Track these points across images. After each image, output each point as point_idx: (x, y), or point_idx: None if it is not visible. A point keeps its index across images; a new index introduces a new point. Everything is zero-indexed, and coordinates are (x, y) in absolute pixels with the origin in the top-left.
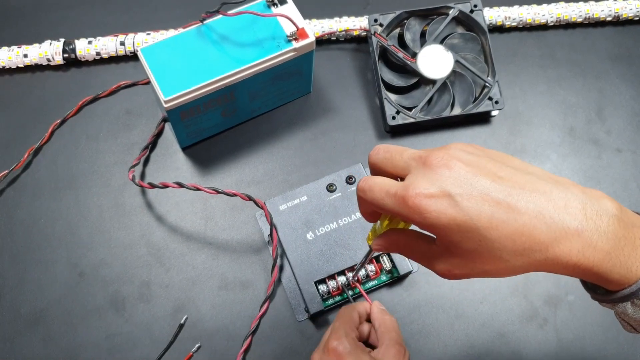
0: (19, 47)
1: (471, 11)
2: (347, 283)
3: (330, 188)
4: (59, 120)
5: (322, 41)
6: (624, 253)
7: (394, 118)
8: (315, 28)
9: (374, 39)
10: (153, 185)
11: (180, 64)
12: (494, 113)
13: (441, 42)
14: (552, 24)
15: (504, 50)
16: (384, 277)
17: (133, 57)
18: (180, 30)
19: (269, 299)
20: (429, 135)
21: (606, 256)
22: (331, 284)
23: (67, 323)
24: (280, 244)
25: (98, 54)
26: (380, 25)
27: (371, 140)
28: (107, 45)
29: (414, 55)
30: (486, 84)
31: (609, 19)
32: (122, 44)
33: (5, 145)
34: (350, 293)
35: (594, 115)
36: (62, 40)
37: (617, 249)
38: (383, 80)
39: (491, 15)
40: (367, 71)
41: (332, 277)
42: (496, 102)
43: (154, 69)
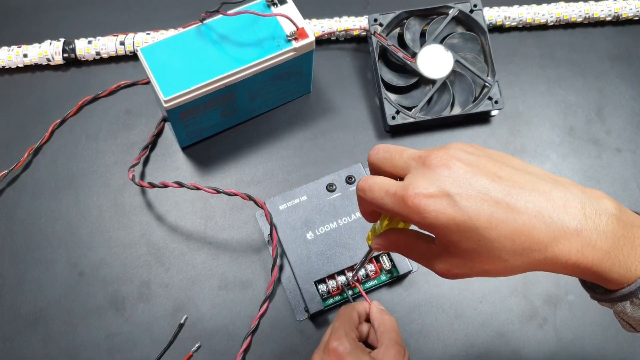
0: (19, 47)
1: (471, 11)
2: (347, 283)
3: (330, 188)
4: (58, 120)
5: (322, 41)
6: (623, 252)
7: (393, 118)
8: (315, 28)
9: (374, 39)
10: (153, 185)
11: (180, 64)
12: (493, 113)
13: (441, 42)
14: (552, 24)
15: (503, 50)
16: (383, 277)
17: (133, 57)
18: (180, 30)
19: (268, 298)
20: (429, 135)
21: (605, 255)
22: (331, 284)
23: (67, 323)
24: (280, 243)
25: (98, 53)
26: (380, 25)
27: (371, 140)
28: (107, 45)
29: (414, 55)
30: (486, 84)
31: (608, 18)
32: (122, 43)
33: (5, 145)
34: (350, 293)
35: (594, 115)
36: (62, 40)
37: (616, 248)
38: (383, 80)
39: (491, 15)
40: (367, 71)
41: (332, 277)
42: (496, 102)
43: (154, 68)
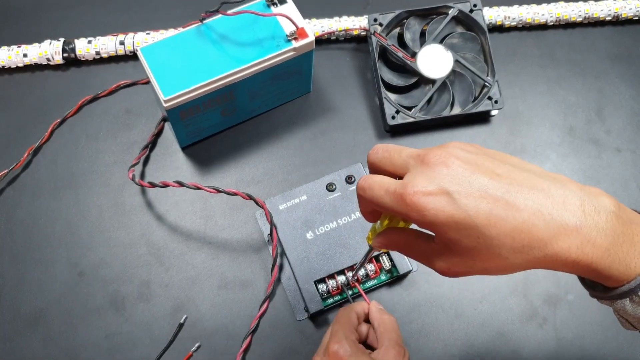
0: (19, 47)
1: (471, 11)
2: (347, 282)
3: (330, 187)
4: (58, 120)
5: (322, 41)
6: (623, 249)
7: (393, 118)
8: (315, 28)
9: (374, 39)
10: (153, 185)
11: (180, 64)
12: (493, 113)
13: (441, 42)
14: (552, 24)
15: (503, 49)
16: (383, 277)
17: (133, 57)
18: (179, 30)
19: (268, 298)
20: (429, 135)
21: (605, 252)
22: (331, 284)
23: (67, 323)
24: (279, 243)
25: (98, 53)
26: (380, 24)
27: (371, 140)
28: (107, 44)
29: (414, 54)
30: (486, 84)
31: (608, 18)
32: (122, 43)
33: (5, 144)
34: (350, 292)
35: (594, 115)
36: (62, 39)
37: (616, 245)
38: (383, 80)
39: (491, 15)
40: (367, 71)
41: (332, 277)
42: (496, 102)
43: (154, 68)
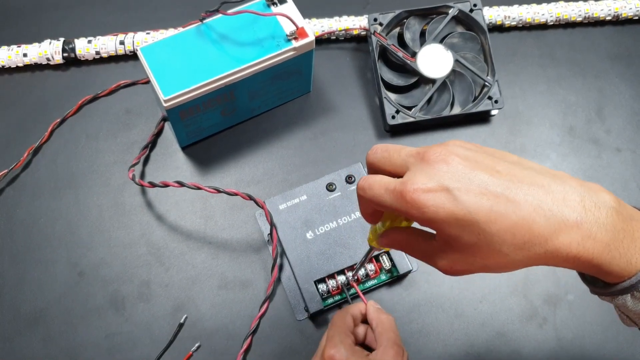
0: (19, 47)
1: (471, 10)
2: (347, 282)
3: (329, 187)
4: (58, 120)
5: (322, 40)
6: (624, 245)
7: (393, 117)
8: (315, 27)
9: (374, 38)
10: (154, 184)
11: (180, 63)
12: (493, 112)
13: (441, 42)
14: (552, 24)
15: (503, 49)
16: (383, 277)
17: (133, 57)
18: (179, 30)
19: (268, 299)
20: (429, 135)
21: (606, 248)
22: (331, 283)
23: (67, 323)
24: (279, 243)
25: (98, 53)
26: (380, 24)
27: (371, 140)
28: (107, 44)
29: (414, 54)
30: (486, 84)
31: (608, 18)
32: (122, 43)
33: (5, 144)
34: (350, 292)
35: (594, 115)
36: (62, 39)
37: (617, 240)
38: (383, 80)
39: (491, 15)
40: (367, 70)
41: (332, 277)
42: (496, 102)
43: (154, 68)
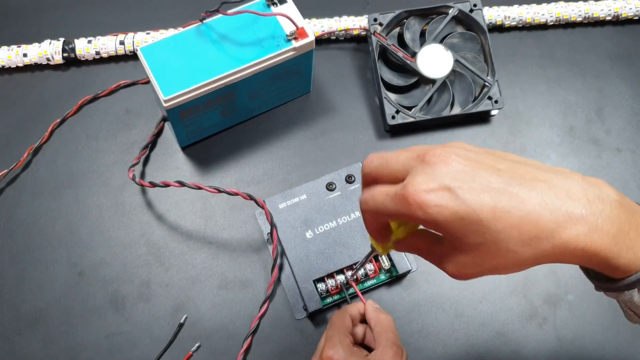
0: (19, 47)
1: (471, 10)
2: (346, 282)
3: (329, 187)
4: (58, 120)
5: (322, 40)
6: (630, 237)
7: (393, 117)
8: (315, 27)
9: (374, 39)
10: (154, 184)
11: (180, 64)
12: (493, 112)
13: (441, 42)
14: (552, 24)
15: (503, 49)
16: (382, 276)
17: (133, 57)
18: (179, 30)
19: (269, 299)
20: (429, 135)
21: (612, 240)
22: (330, 283)
23: (67, 322)
24: (279, 242)
25: (98, 53)
26: (380, 24)
27: (371, 140)
28: (107, 44)
29: (414, 54)
30: (486, 84)
31: (608, 18)
32: (122, 43)
33: (5, 144)
34: (349, 292)
35: (594, 115)
36: (62, 39)
37: (623, 233)
38: (383, 80)
39: (491, 15)
40: (367, 70)
41: (331, 276)
42: (496, 102)
43: (154, 68)
